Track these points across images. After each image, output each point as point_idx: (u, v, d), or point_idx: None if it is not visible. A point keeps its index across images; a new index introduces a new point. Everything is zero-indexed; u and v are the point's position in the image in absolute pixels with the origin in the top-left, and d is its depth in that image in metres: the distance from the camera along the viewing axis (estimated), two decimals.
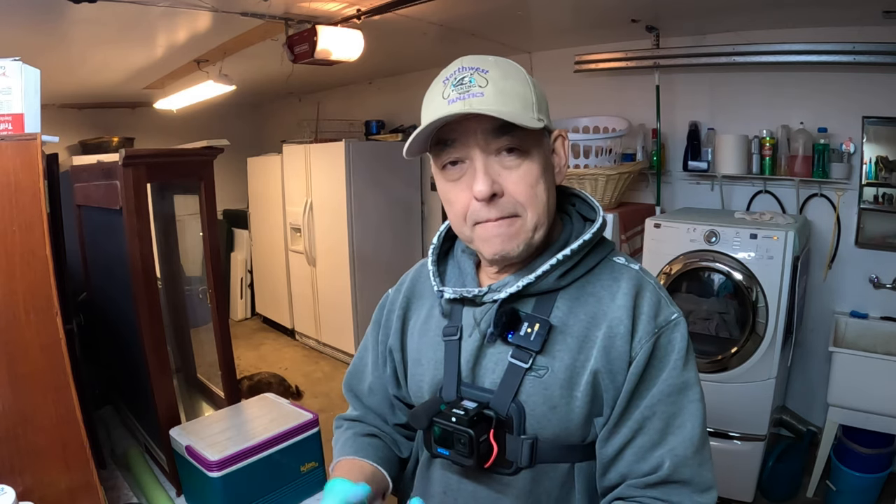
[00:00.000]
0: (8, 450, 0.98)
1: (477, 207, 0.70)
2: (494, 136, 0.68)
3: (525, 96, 0.69)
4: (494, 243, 0.72)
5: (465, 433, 0.68)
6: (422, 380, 0.82)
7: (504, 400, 0.72)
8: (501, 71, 0.69)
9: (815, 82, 2.46)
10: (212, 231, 1.65)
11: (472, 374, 0.76)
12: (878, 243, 2.43)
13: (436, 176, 0.76)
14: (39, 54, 2.62)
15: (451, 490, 0.79)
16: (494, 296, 0.74)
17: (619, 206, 2.77)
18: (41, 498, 0.99)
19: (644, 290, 0.73)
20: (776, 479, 2.34)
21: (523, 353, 0.72)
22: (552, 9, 2.51)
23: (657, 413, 0.69)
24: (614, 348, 0.70)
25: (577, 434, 0.72)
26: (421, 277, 0.89)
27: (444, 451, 0.72)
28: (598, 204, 0.80)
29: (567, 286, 0.74)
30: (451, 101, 0.67)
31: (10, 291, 0.96)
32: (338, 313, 4.05)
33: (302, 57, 2.44)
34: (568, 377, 0.71)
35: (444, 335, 0.79)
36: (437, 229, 0.88)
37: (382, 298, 0.94)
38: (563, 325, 0.72)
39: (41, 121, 1.03)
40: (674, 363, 0.70)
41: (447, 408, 0.72)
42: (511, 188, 0.69)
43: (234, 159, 4.51)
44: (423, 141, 0.71)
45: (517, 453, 0.72)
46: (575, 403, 0.70)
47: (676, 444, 0.69)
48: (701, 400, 0.71)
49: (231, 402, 1.67)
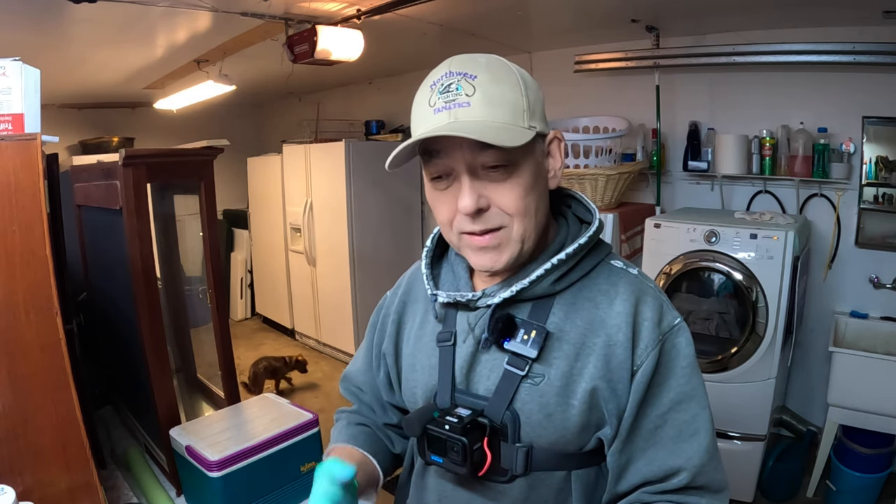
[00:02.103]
0: (8, 450, 0.98)
1: (462, 219, 0.69)
2: (480, 150, 0.65)
3: (515, 103, 0.66)
4: (481, 257, 0.71)
5: (458, 441, 0.68)
6: (415, 386, 0.81)
7: (499, 407, 0.71)
8: (491, 75, 0.66)
9: (815, 82, 2.46)
10: (212, 231, 1.66)
11: (465, 381, 0.75)
12: (878, 243, 2.42)
13: (426, 181, 0.74)
14: (39, 54, 2.62)
15: (445, 498, 0.78)
16: (488, 301, 0.73)
17: (619, 206, 2.76)
18: (41, 498, 0.99)
19: (645, 296, 0.71)
20: (776, 479, 2.34)
21: (519, 361, 0.70)
22: (552, 9, 2.51)
23: (668, 422, 0.69)
24: (615, 357, 0.68)
25: (575, 442, 0.71)
26: (416, 280, 0.87)
27: (438, 459, 0.71)
28: (595, 206, 0.78)
29: (563, 291, 0.72)
30: (437, 111, 0.65)
31: (10, 291, 0.97)
32: (338, 313, 4.05)
33: (302, 57, 2.44)
34: (564, 385, 0.69)
35: (437, 341, 0.78)
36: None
37: (381, 300, 0.94)
38: (560, 331, 0.71)
39: (41, 121, 1.03)
40: (681, 370, 0.69)
41: (440, 415, 0.71)
42: (497, 200, 0.68)
43: (234, 159, 4.51)
44: (409, 153, 0.69)
45: (511, 461, 0.71)
46: (571, 412, 0.69)
47: (692, 453, 0.68)
48: (709, 405, 0.71)
49: (231, 402, 1.67)
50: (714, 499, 0.70)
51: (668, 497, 0.69)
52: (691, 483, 0.68)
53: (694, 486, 0.69)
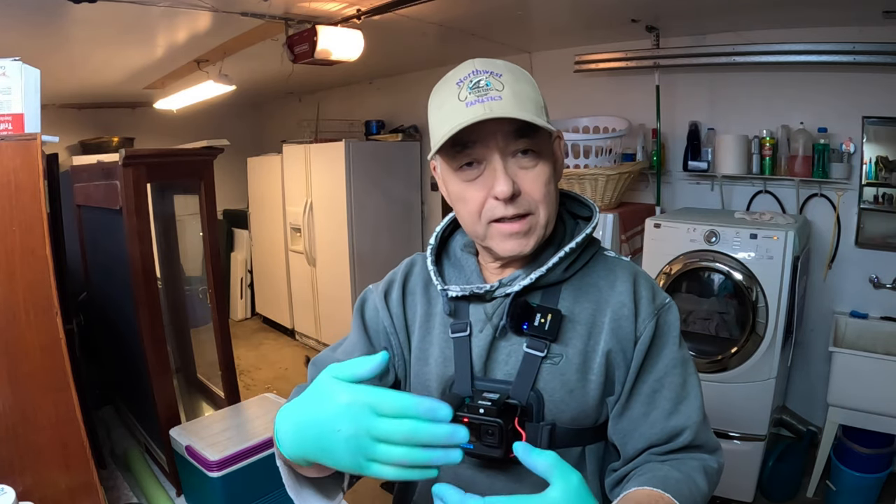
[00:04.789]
0: (8, 450, 0.98)
1: (494, 205, 0.73)
2: (514, 139, 0.71)
3: (537, 101, 0.73)
4: (510, 243, 0.75)
5: (494, 423, 0.69)
6: (428, 378, 0.82)
7: (523, 389, 0.75)
8: (513, 75, 0.72)
9: (815, 82, 2.46)
10: (212, 231, 1.65)
11: (484, 368, 0.78)
12: (878, 243, 2.42)
13: (447, 175, 0.77)
14: (39, 54, 2.62)
15: (463, 485, 0.78)
16: (507, 290, 0.77)
17: (619, 206, 2.76)
18: (41, 498, 0.99)
19: (639, 278, 0.80)
20: (776, 479, 2.34)
21: (539, 343, 0.75)
22: (552, 9, 2.51)
23: (666, 385, 0.75)
24: (622, 328, 0.75)
25: (592, 416, 0.76)
26: (412, 276, 0.88)
27: (468, 445, 0.72)
28: (592, 201, 0.85)
29: (569, 278, 0.79)
30: (470, 104, 0.69)
31: (10, 291, 0.97)
32: (338, 313, 4.05)
33: (302, 57, 2.44)
34: (582, 361, 0.75)
35: (452, 332, 0.80)
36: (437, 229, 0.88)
37: (363, 294, 0.91)
38: (572, 313, 0.77)
39: (41, 121, 1.03)
40: (673, 340, 0.77)
41: (471, 400, 0.72)
42: (527, 188, 0.73)
43: (234, 159, 4.51)
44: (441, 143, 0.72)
45: (537, 440, 0.74)
46: (590, 386, 0.75)
47: (690, 411, 0.75)
48: (696, 371, 0.79)
49: (231, 402, 1.67)
50: (715, 455, 0.76)
51: (675, 456, 0.74)
52: (693, 441, 0.74)
53: (695, 444, 0.74)
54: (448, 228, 0.89)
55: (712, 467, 0.74)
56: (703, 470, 0.72)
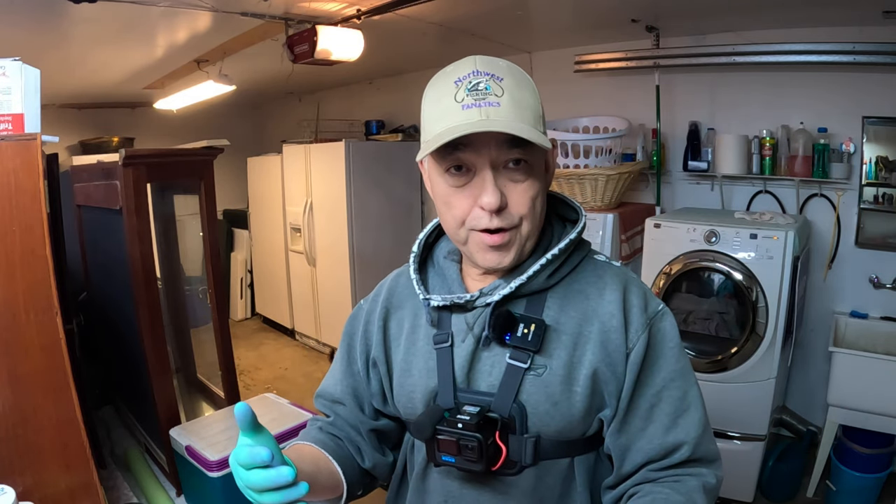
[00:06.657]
0: (8, 450, 0.98)
1: (479, 215, 0.70)
2: (507, 148, 0.68)
3: (536, 109, 0.70)
4: (490, 255, 0.73)
5: (473, 438, 0.68)
6: (413, 390, 0.80)
7: (505, 401, 0.73)
8: (515, 80, 0.69)
9: (815, 82, 2.46)
10: (212, 231, 1.66)
11: (467, 380, 0.76)
12: (878, 243, 2.42)
13: (434, 175, 0.74)
14: (39, 54, 2.61)
15: (452, 498, 0.78)
16: (487, 299, 0.75)
17: (619, 206, 2.76)
18: (41, 498, 0.99)
19: (630, 285, 0.76)
20: (776, 479, 2.34)
21: (521, 354, 0.73)
22: (552, 9, 2.51)
23: (664, 398, 0.73)
24: (611, 341, 0.72)
25: (579, 428, 0.74)
26: (398, 288, 0.87)
27: (450, 459, 0.71)
28: (579, 204, 0.82)
29: (555, 285, 0.76)
30: (466, 107, 0.66)
31: (10, 291, 0.97)
32: (338, 313, 4.05)
33: (302, 57, 2.44)
34: (566, 373, 0.72)
35: (434, 343, 0.78)
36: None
37: (355, 310, 0.92)
38: (557, 323, 0.74)
39: (41, 121, 1.03)
40: (670, 351, 0.74)
41: (450, 414, 0.71)
42: (514, 201, 0.70)
43: (234, 159, 4.50)
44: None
45: (520, 452, 0.73)
46: (575, 398, 0.72)
47: (689, 426, 0.72)
48: (697, 382, 0.76)
49: (231, 402, 1.67)
50: (712, 467, 0.74)
51: (672, 472, 0.72)
52: (692, 456, 0.72)
53: (694, 458, 0.73)
54: (433, 234, 0.87)
55: (711, 483, 0.72)
56: (702, 489, 0.71)
